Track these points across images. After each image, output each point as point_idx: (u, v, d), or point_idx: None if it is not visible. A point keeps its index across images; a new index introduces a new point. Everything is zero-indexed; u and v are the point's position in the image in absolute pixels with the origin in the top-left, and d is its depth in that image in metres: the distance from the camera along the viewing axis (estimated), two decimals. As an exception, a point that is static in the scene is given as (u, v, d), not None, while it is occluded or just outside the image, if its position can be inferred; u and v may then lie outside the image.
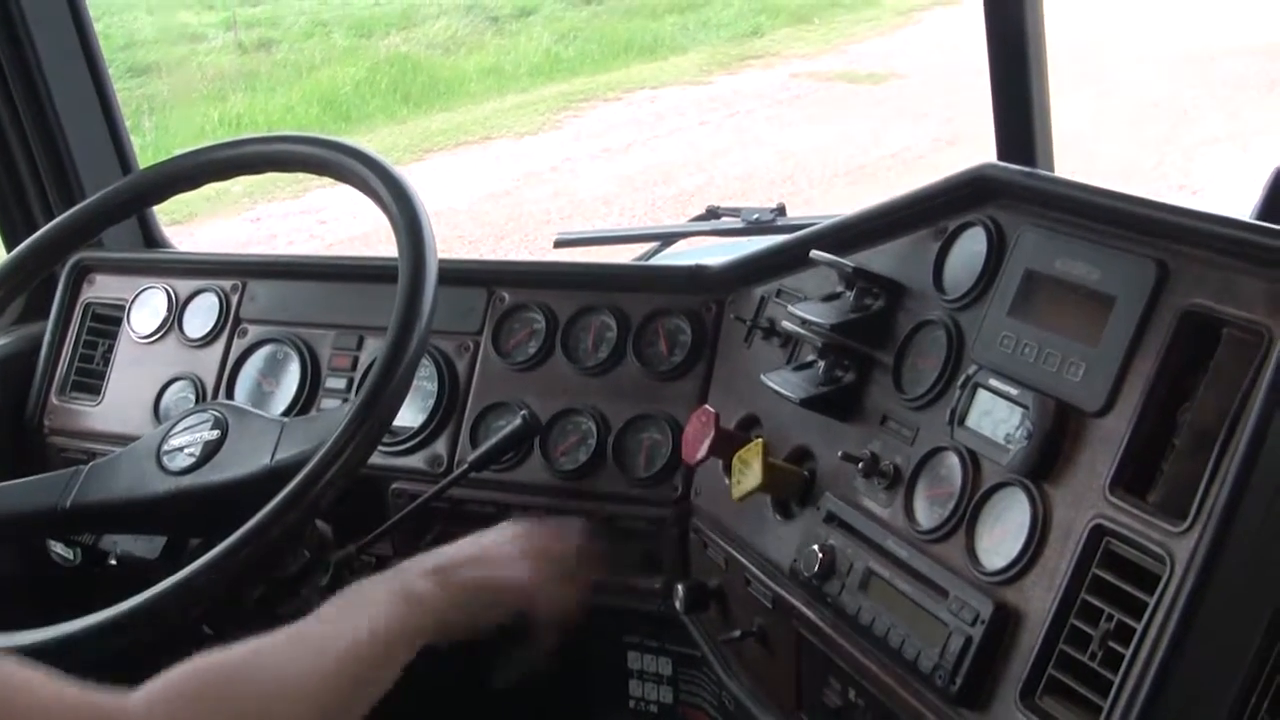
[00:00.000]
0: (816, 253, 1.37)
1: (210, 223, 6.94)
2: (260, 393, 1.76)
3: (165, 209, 1.81)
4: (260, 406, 1.68)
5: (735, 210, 2.09)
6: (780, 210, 2.04)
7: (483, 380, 1.67)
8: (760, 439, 1.34)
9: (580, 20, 11.39)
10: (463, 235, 6.56)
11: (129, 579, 1.28)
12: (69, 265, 1.93)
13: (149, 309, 1.88)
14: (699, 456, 1.37)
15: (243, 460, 1.39)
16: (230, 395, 1.77)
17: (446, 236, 6.24)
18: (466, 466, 1.55)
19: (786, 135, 8.06)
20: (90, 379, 1.90)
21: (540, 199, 7.19)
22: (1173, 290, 1.04)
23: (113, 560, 1.59)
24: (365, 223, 6.27)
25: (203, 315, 1.83)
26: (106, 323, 1.92)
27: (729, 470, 1.37)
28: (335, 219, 6.82)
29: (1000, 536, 1.10)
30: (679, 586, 1.48)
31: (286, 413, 1.71)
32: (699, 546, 1.51)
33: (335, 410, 1.52)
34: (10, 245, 2.01)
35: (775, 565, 1.35)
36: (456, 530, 1.63)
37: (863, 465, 1.25)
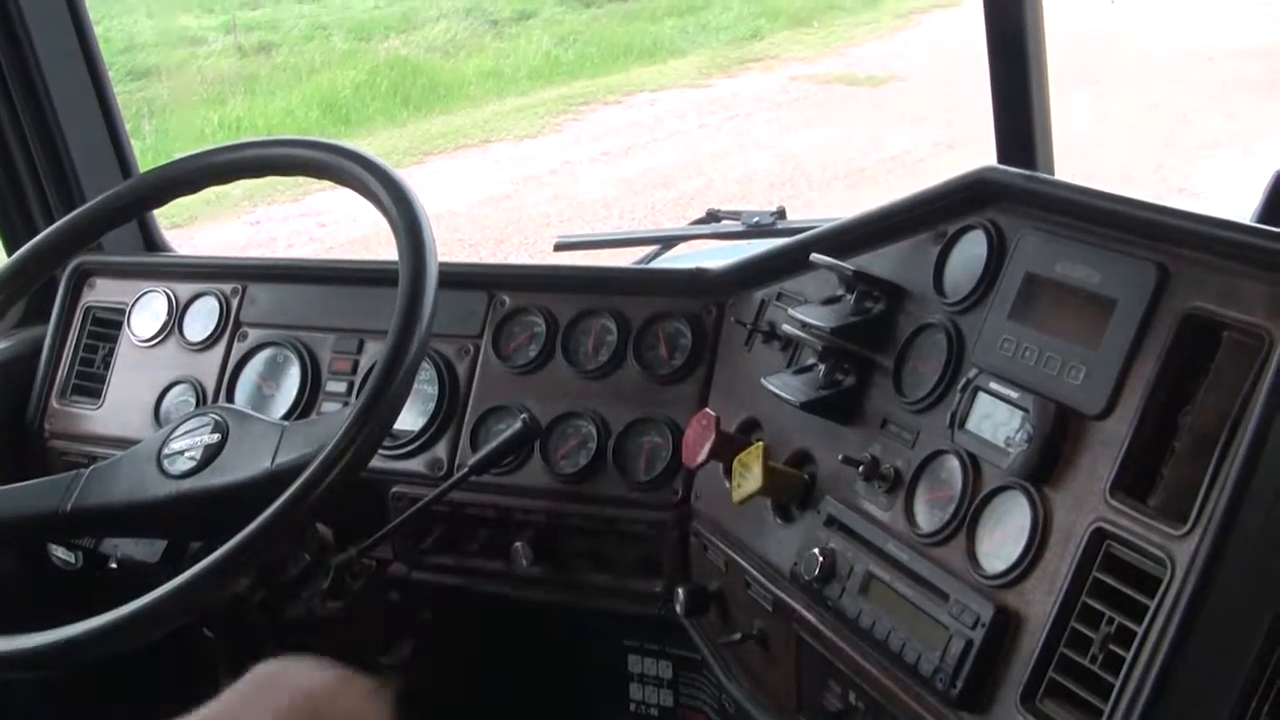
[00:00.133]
0: (817, 256, 1.37)
1: (210, 226, 6.94)
2: (260, 396, 1.77)
3: (165, 212, 1.81)
4: (260, 410, 1.68)
5: (735, 213, 2.08)
6: (780, 213, 2.04)
7: (483, 384, 1.67)
8: (761, 442, 1.34)
9: (580, 23, 11.41)
10: (462, 238, 6.56)
11: (130, 582, 1.28)
12: (69, 269, 1.93)
13: (149, 312, 1.88)
14: (699, 460, 1.38)
15: (243, 464, 1.39)
16: (230, 399, 1.77)
17: (446, 240, 6.24)
18: (467, 470, 1.55)
19: (786, 138, 8.07)
20: (91, 382, 1.90)
21: (540, 202, 7.19)
22: (1173, 293, 1.04)
23: (113, 564, 1.59)
24: (365, 226, 6.28)
25: (203, 319, 1.84)
26: (107, 326, 1.92)
27: (729, 474, 1.37)
28: (335, 222, 6.82)
29: (1001, 540, 1.10)
30: (679, 590, 1.48)
31: (287, 416, 1.71)
32: (699, 550, 1.51)
33: (336, 414, 1.52)
34: (11, 249, 2.01)
35: (775, 568, 1.35)
36: (457, 532, 1.64)
37: (863, 468, 1.25)
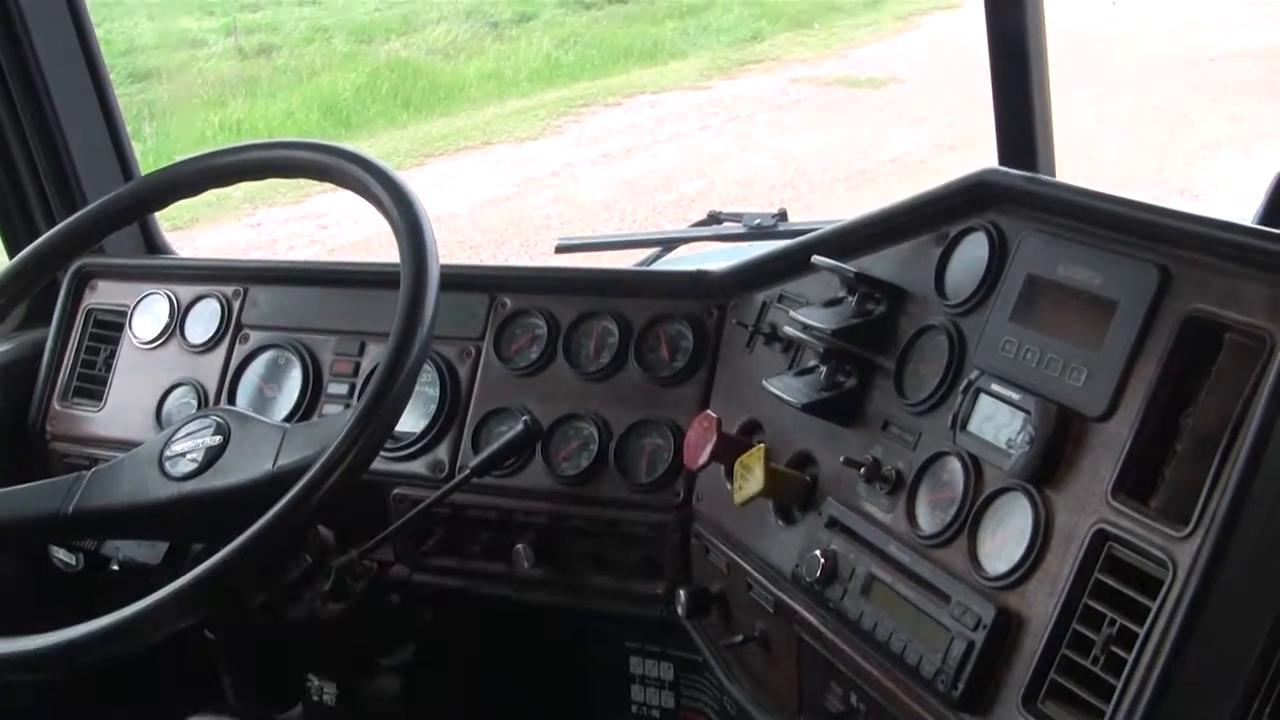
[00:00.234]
0: (818, 258, 1.37)
1: (211, 228, 6.94)
2: (262, 398, 1.77)
3: (166, 214, 1.81)
4: (262, 412, 1.68)
5: (736, 215, 2.08)
6: (782, 215, 2.03)
7: (484, 386, 1.67)
8: (762, 444, 1.34)
9: (580, 25, 11.41)
10: (463, 240, 6.56)
11: (131, 584, 1.28)
12: (71, 271, 1.93)
13: (151, 315, 1.88)
14: (701, 462, 1.37)
15: (245, 466, 1.39)
16: (232, 401, 1.77)
17: (447, 242, 6.24)
18: (468, 472, 1.55)
19: (787, 140, 8.06)
20: (92, 385, 1.90)
21: (541, 204, 7.18)
22: (1175, 295, 1.04)
23: (115, 566, 1.59)
24: (366, 228, 6.28)
25: (204, 321, 1.84)
26: (108, 328, 1.92)
27: (731, 475, 1.37)
28: (336, 224, 6.82)
29: (1002, 541, 1.11)
30: (681, 592, 1.48)
31: (288, 418, 1.71)
32: (701, 552, 1.51)
33: (337, 416, 1.52)
34: (12, 251, 2.01)
35: (777, 570, 1.35)
36: (458, 534, 1.64)
37: (864, 470, 1.25)
